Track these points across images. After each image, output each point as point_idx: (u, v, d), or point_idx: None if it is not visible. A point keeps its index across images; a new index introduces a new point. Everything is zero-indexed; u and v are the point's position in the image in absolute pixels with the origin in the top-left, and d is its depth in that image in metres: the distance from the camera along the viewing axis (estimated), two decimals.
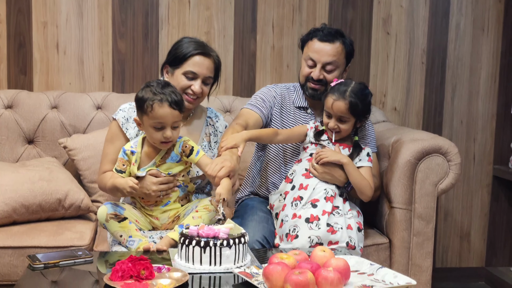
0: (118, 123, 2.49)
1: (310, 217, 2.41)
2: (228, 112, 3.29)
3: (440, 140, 2.72)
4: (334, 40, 2.61)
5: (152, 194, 2.34)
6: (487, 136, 3.75)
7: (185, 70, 2.47)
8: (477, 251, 3.81)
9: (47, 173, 2.79)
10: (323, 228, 2.39)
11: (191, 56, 2.47)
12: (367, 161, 2.54)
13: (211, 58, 2.51)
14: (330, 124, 2.49)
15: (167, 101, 2.24)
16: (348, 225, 2.44)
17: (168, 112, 2.25)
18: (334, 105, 2.46)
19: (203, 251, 1.99)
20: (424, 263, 2.71)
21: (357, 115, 2.49)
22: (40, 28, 3.35)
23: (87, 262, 2.08)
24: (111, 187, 2.35)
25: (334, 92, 2.47)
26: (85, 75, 3.41)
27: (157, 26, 3.43)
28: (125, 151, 2.37)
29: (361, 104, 2.47)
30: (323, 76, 2.62)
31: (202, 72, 2.48)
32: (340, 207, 2.46)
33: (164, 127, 2.27)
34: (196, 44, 2.51)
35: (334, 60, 2.61)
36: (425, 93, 3.68)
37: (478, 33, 3.67)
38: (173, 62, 2.51)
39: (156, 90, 2.26)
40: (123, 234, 2.30)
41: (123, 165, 2.37)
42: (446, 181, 2.70)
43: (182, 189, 2.42)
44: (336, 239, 2.40)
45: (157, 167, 2.36)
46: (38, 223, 2.73)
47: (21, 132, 3.11)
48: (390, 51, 3.63)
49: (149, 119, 2.27)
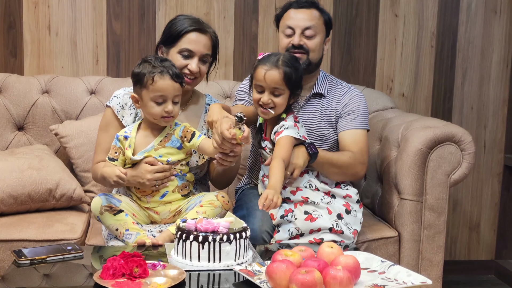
0: (113, 110, 2.36)
1: (284, 212, 2.30)
2: (228, 98, 3.14)
3: (453, 127, 2.57)
4: (310, 7, 2.53)
5: (146, 183, 2.20)
6: (498, 123, 3.60)
7: (180, 48, 2.35)
8: (486, 243, 3.67)
9: (37, 161, 2.64)
10: (300, 217, 2.27)
11: (186, 33, 2.35)
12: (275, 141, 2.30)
13: (207, 35, 2.39)
14: (263, 98, 2.27)
15: (168, 73, 2.17)
16: (328, 208, 2.31)
17: (170, 84, 2.17)
18: (267, 75, 2.24)
19: (201, 247, 1.86)
20: (435, 258, 2.58)
21: (291, 87, 2.28)
22: (31, 8, 3.19)
23: (76, 257, 1.95)
24: (100, 177, 2.22)
25: (264, 62, 2.28)
26: (78, 57, 3.25)
27: (154, 6, 3.27)
28: (118, 137, 2.25)
29: (294, 75, 2.27)
30: (303, 42, 2.50)
31: (198, 49, 2.35)
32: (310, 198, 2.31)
33: (165, 100, 2.17)
34: (191, 21, 2.38)
35: (312, 25, 2.50)
36: (434, 78, 3.53)
37: (490, 15, 3.51)
38: (168, 41, 2.38)
39: (155, 63, 2.18)
40: (119, 227, 2.16)
41: (116, 152, 2.25)
42: (459, 171, 2.56)
43: (180, 178, 2.28)
44: (318, 226, 2.27)
45: (155, 150, 2.22)
46: (27, 214, 2.58)
47: (11, 118, 2.96)
48: (398, 33, 3.47)
49: (150, 92, 2.17)
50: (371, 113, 3.13)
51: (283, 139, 2.27)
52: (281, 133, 2.28)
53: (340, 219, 2.31)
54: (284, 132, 2.27)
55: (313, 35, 2.50)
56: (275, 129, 2.30)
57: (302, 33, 2.50)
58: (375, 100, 3.18)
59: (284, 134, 2.27)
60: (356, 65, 3.45)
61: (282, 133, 2.27)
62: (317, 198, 2.33)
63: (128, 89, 2.40)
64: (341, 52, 3.42)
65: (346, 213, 2.34)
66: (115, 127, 2.34)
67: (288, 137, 2.27)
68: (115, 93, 2.40)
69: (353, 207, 2.37)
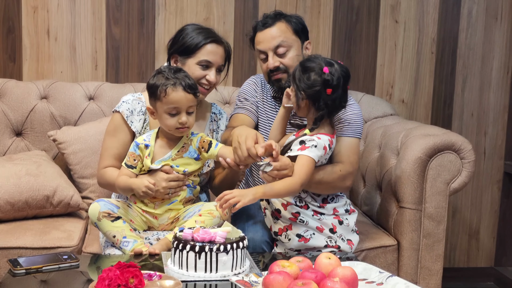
0: (122, 115, 2.36)
1: (278, 231, 2.28)
2: (227, 103, 3.13)
3: (453, 136, 2.55)
4: (274, 22, 2.45)
5: (161, 190, 2.20)
6: (498, 130, 3.59)
7: (199, 60, 2.39)
8: (486, 250, 3.66)
9: (34, 167, 2.63)
10: (294, 239, 2.25)
11: (204, 45, 2.39)
12: (296, 151, 2.20)
13: (222, 46, 2.44)
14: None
15: (181, 85, 2.16)
16: (318, 227, 2.25)
17: (183, 96, 2.16)
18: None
19: (198, 257, 1.85)
20: (434, 266, 2.56)
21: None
22: (30, 12, 3.18)
23: (72, 267, 1.94)
24: (123, 186, 2.20)
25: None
26: (77, 62, 3.24)
27: (153, 11, 3.27)
28: (138, 145, 2.24)
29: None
30: (279, 62, 2.44)
31: (216, 60, 2.41)
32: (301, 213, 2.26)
33: (179, 112, 2.17)
34: (206, 32, 2.43)
35: (281, 41, 2.43)
36: (435, 84, 3.51)
37: (490, 21, 3.50)
38: (184, 52, 2.41)
39: (168, 75, 2.18)
40: (117, 234, 2.15)
41: (134, 160, 2.23)
42: (459, 179, 2.54)
43: (190, 190, 2.29)
44: (312, 246, 2.25)
45: (172, 160, 2.23)
46: (24, 221, 2.57)
47: (9, 124, 2.95)
48: (398, 39, 3.46)
49: (163, 104, 2.17)
50: (371, 120, 3.12)
51: (303, 160, 2.18)
52: (306, 148, 2.19)
53: (333, 233, 2.27)
54: (306, 152, 2.18)
55: (286, 51, 2.44)
56: (305, 138, 2.21)
57: (275, 53, 2.44)
58: (374, 106, 3.17)
59: (305, 154, 2.19)
60: (356, 71, 3.44)
61: (306, 149, 2.19)
62: (308, 213, 2.27)
63: (136, 95, 2.42)
64: (341, 57, 3.41)
65: (339, 224, 2.29)
66: (124, 132, 2.35)
67: (308, 158, 2.18)
68: (123, 99, 2.41)
69: (343, 217, 2.31)
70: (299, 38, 2.49)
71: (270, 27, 2.45)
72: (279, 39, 2.43)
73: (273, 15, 2.48)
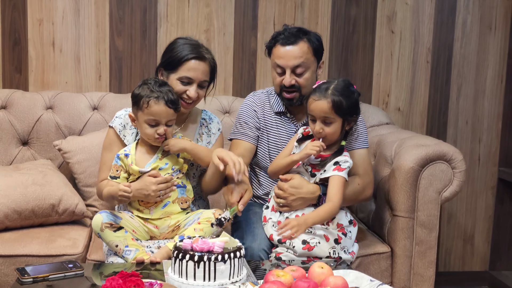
0: (115, 131, 2.46)
1: (282, 237, 2.34)
2: (227, 113, 3.21)
3: (445, 146, 2.64)
4: (297, 41, 2.49)
5: (151, 194, 2.29)
6: (492, 137, 3.67)
7: (180, 76, 2.42)
8: (480, 254, 3.74)
9: (40, 176, 2.73)
10: (298, 245, 2.32)
11: (186, 61, 2.41)
12: (332, 171, 2.33)
13: (206, 62, 2.45)
14: (316, 127, 2.31)
15: (164, 99, 2.27)
16: (325, 235, 2.34)
17: (163, 109, 2.27)
18: (315, 105, 2.29)
19: (197, 266, 1.93)
20: (426, 273, 2.65)
21: (343, 115, 2.30)
22: (35, 25, 3.28)
23: (77, 275, 2.03)
24: (106, 196, 2.31)
25: (315, 92, 2.31)
26: (81, 73, 3.33)
27: (155, 23, 3.35)
28: (119, 156, 2.36)
29: (345, 102, 2.28)
30: (295, 81, 2.51)
31: (197, 77, 2.43)
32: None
33: (158, 124, 2.29)
34: (191, 47, 2.44)
35: (302, 62, 2.49)
36: (430, 93, 3.59)
37: (485, 31, 3.58)
38: (168, 66, 2.45)
39: (153, 87, 2.29)
40: (119, 244, 2.24)
41: (117, 170, 2.35)
42: (450, 188, 2.63)
43: (180, 190, 2.38)
44: (315, 255, 2.33)
45: (160, 160, 2.34)
46: (30, 229, 2.66)
47: (15, 133, 3.04)
48: (394, 49, 3.54)
49: (144, 115, 2.28)
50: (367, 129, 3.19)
51: (339, 181, 2.32)
52: (343, 170, 2.32)
53: (338, 244, 2.35)
54: (343, 173, 2.32)
55: (303, 71, 2.50)
56: (338, 159, 2.34)
57: (293, 71, 2.50)
58: (370, 115, 3.25)
59: (342, 175, 2.32)
60: (353, 80, 3.46)
61: (343, 171, 2.32)
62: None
63: (129, 110, 2.48)
64: (338, 67, 3.50)
65: (344, 236, 2.38)
66: (118, 146, 2.44)
67: (343, 179, 2.33)
68: (117, 114, 2.49)
69: (348, 229, 2.41)
70: (317, 59, 2.56)
71: (292, 45, 2.49)
72: (300, 60, 2.48)
73: (295, 32, 2.51)
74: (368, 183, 2.53)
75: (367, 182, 2.53)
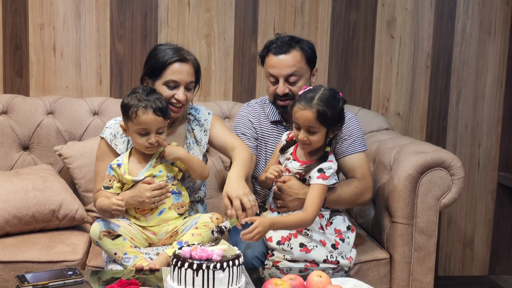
0: (106, 141, 2.46)
1: (281, 239, 2.35)
2: (227, 118, 3.22)
3: (443, 153, 2.64)
4: (290, 49, 2.51)
5: (146, 200, 2.30)
6: (492, 142, 3.67)
7: (165, 80, 2.41)
8: (480, 259, 3.75)
9: (41, 182, 2.74)
10: (296, 248, 2.33)
11: (169, 65, 2.40)
12: (316, 178, 2.33)
13: (189, 63, 2.44)
14: (300, 136, 2.31)
15: (152, 107, 2.26)
16: (321, 240, 2.35)
17: (152, 118, 2.26)
18: (300, 114, 2.28)
19: (196, 274, 1.93)
20: (425, 279, 2.65)
21: (327, 124, 2.30)
22: (36, 30, 3.29)
23: (77, 283, 2.03)
24: (99, 209, 2.33)
25: (300, 100, 2.30)
26: (82, 78, 3.35)
27: (156, 28, 3.36)
28: (111, 166, 2.37)
29: (330, 112, 2.27)
30: (289, 89, 2.53)
31: (183, 79, 2.41)
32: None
33: (149, 133, 2.28)
34: (172, 50, 2.43)
35: (294, 71, 2.51)
36: (430, 98, 3.60)
37: (484, 36, 3.59)
38: (152, 74, 2.44)
39: (141, 96, 2.28)
40: (118, 251, 2.25)
41: (110, 180, 2.36)
42: (449, 195, 2.63)
43: (176, 196, 2.38)
44: (312, 258, 2.34)
45: (154, 168, 2.34)
46: (31, 234, 2.67)
47: (16, 138, 3.05)
48: (394, 54, 3.55)
49: (134, 125, 2.28)
50: (366, 134, 3.20)
51: (319, 190, 2.31)
52: (327, 178, 2.32)
53: (335, 249, 2.37)
54: (326, 181, 2.32)
55: (297, 79, 2.52)
56: (322, 166, 2.33)
57: (286, 80, 2.51)
58: (370, 121, 3.26)
59: (325, 184, 2.32)
60: (352, 85, 3.53)
61: (326, 179, 2.32)
62: (316, 225, 2.37)
63: (118, 119, 2.47)
64: (338, 72, 3.51)
65: (341, 241, 2.40)
66: (110, 156, 2.43)
67: (325, 187, 2.33)
68: (107, 124, 2.49)
69: (345, 234, 2.43)
70: (310, 67, 2.57)
71: (285, 54, 2.51)
72: (293, 69, 2.51)
73: (288, 41, 2.53)
74: (366, 187, 2.53)
75: (365, 186, 2.53)
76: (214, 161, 3.11)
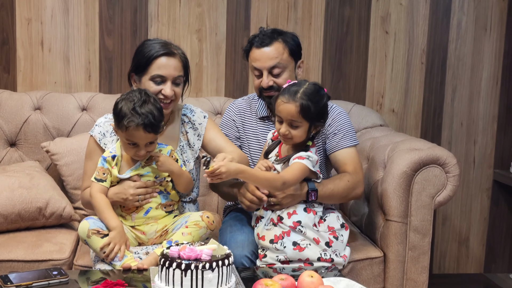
0: (95, 139, 2.39)
1: (274, 238, 2.30)
2: (219, 114, 3.17)
3: (438, 150, 2.60)
4: (272, 41, 2.49)
5: (130, 198, 2.26)
6: (488, 139, 3.63)
7: (151, 75, 2.35)
8: (475, 257, 3.71)
9: (27, 179, 2.68)
10: (289, 247, 2.28)
11: (155, 59, 2.34)
12: (292, 160, 2.28)
13: (176, 57, 2.38)
14: (282, 129, 2.27)
15: (143, 124, 2.16)
16: (315, 238, 2.30)
17: (142, 135, 2.19)
18: (283, 107, 2.24)
19: (184, 274, 1.87)
20: (419, 278, 2.61)
21: (310, 119, 2.26)
22: (24, 24, 3.22)
23: (62, 283, 1.98)
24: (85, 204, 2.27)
25: (284, 94, 2.26)
26: (71, 73, 3.28)
27: (146, 23, 3.30)
28: (105, 158, 2.30)
29: (313, 107, 2.23)
30: (273, 82, 2.50)
31: (169, 73, 2.35)
32: (303, 222, 2.31)
33: (138, 145, 2.21)
34: (159, 45, 2.38)
35: (277, 63, 2.48)
36: (424, 94, 3.56)
37: (480, 32, 3.54)
38: (138, 69, 2.39)
39: (135, 107, 2.17)
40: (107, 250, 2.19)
41: (104, 173, 2.29)
42: (443, 193, 2.58)
43: (164, 196, 2.34)
44: (306, 257, 2.28)
45: (143, 168, 2.29)
46: (17, 232, 2.61)
47: (3, 135, 2.99)
48: (388, 50, 3.50)
49: (124, 134, 2.22)
50: (360, 130, 3.16)
51: (298, 164, 2.27)
52: (302, 159, 2.27)
53: (329, 247, 2.32)
54: (304, 161, 2.27)
55: (280, 71, 2.50)
56: (300, 154, 2.29)
57: (270, 72, 2.49)
58: (364, 117, 3.21)
59: (303, 162, 2.27)
60: (346, 81, 3.48)
61: (303, 159, 2.27)
62: (310, 222, 2.33)
63: (109, 116, 2.41)
64: (332, 68, 3.46)
65: (335, 239, 2.35)
66: (98, 155, 2.36)
67: (304, 165, 2.27)
68: (97, 122, 2.43)
69: (339, 232, 2.37)
70: (294, 58, 2.55)
71: (267, 47, 2.49)
72: (276, 61, 2.48)
73: (270, 33, 2.51)
74: (358, 181, 2.49)
75: (357, 180, 2.49)
76: None
